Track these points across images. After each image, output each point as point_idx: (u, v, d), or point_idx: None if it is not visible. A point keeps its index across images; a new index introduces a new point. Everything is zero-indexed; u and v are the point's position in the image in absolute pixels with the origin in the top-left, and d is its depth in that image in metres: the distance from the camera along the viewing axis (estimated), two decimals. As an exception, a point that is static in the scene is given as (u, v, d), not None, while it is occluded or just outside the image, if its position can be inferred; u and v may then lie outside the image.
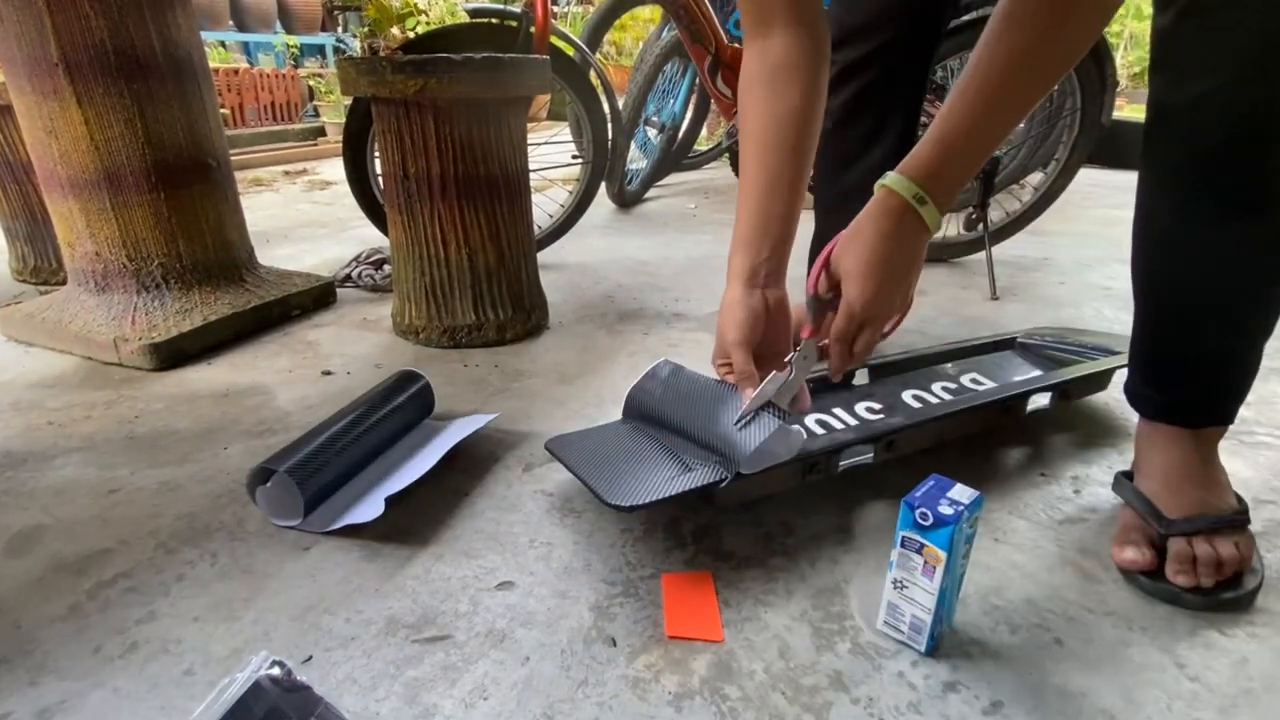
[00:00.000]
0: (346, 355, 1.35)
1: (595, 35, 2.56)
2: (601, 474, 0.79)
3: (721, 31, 1.96)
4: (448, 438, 0.95)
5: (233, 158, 1.55)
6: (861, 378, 1.03)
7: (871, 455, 0.88)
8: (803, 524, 0.83)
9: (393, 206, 1.36)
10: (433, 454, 0.91)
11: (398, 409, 0.99)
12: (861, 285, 0.65)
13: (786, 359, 0.73)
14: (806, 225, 0.82)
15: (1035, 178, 1.95)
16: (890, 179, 0.63)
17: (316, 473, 0.84)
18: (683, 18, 2.23)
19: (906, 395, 0.97)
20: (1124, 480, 0.80)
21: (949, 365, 1.07)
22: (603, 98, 2.02)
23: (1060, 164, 1.81)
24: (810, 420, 0.91)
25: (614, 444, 0.86)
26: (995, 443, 0.99)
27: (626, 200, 2.79)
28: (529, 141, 1.44)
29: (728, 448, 0.76)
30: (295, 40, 6.02)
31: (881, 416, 0.92)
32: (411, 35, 1.83)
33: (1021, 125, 1.85)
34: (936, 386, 1.00)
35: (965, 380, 1.02)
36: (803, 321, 0.74)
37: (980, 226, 1.72)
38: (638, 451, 0.83)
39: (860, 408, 0.94)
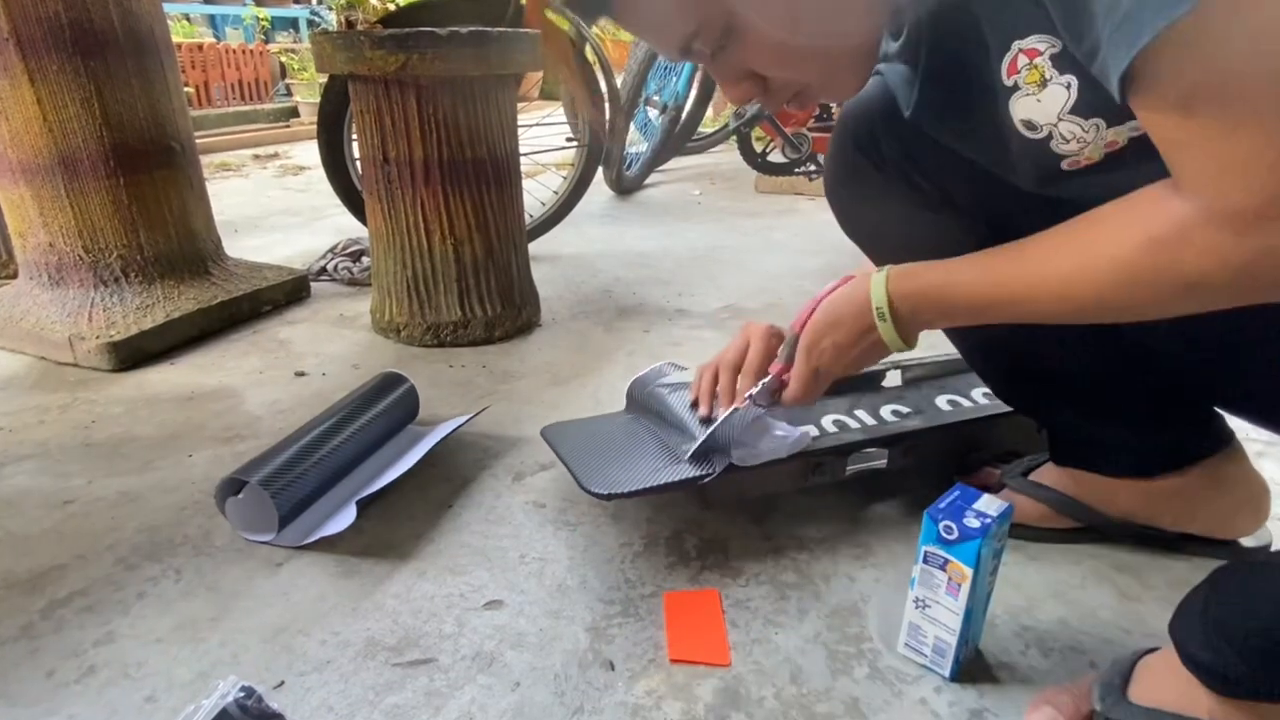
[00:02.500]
0: (322, 355, 1.35)
1: (591, 7, 2.55)
2: (588, 462, 0.80)
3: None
4: (430, 441, 0.95)
5: (198, 140, 1.55)
6: (894, 379, 1.02)
7: (885, 460, 0.88)
8: (816, 537, 0.83)
9: (372, 193, 1.36)
10: (413, 459, 0.92)
11: (380, 414, 0.99)
12: (815, 340, 0.71)
13: (746, 394, 0.78)
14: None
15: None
16: (875, 277, 0.65)
17: (292, 484, 0.84)
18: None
19: (941, 400, 0.97)
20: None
21: None
22: (600, 75, 2.02)
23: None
24: (828, 420, 0.91)
25: (611, 434, 0.86)
26: (1028, 451, 0.99)
27: (625, 186, 2.79)
28: (519, 123, 1.44)
29: (714, 438, 0.78)
30: (266, 13, 6.02)
31: (900, 418, 0.92)
32: (392, 7, 1.83)
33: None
34: (976, 392, 0.99)
35: None
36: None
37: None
38: (633, 443, 0.84)
39: (886, 410, 0.94)
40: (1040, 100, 0.51)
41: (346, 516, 0.82)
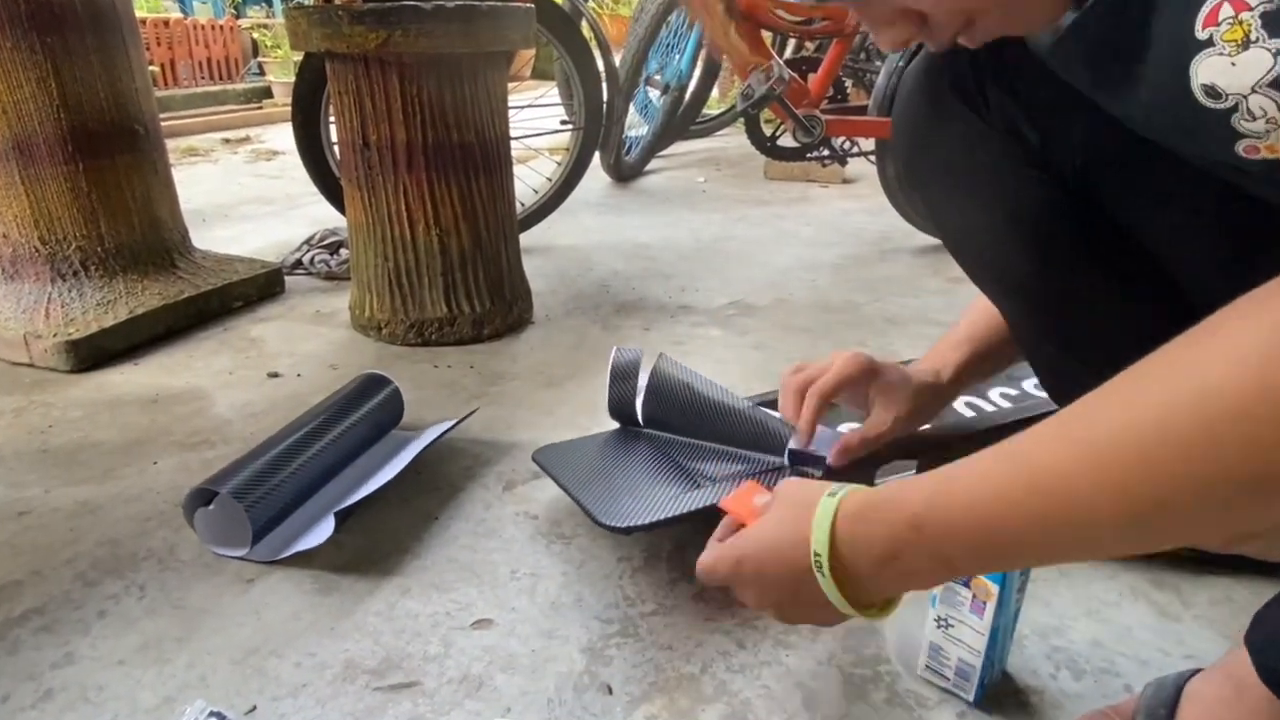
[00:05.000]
0: (297, 354, 1.35)
1: (588, -20, 2.56)
2: (595, 490, 0.79)
3: (735, -25, 1.96)
4: (416, 448, 0.96)
5: (163, 123, 1.55)
6: None
7: (915, 469, 0.88)
8: (831, 552, 0.83)
9: (351, 181, 1.36)
10: (396, 467, 0.92)
11: (361, 419, 0.99)
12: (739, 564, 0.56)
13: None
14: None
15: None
16: (824, 503, 0.50)
17: (266, 495, 0.84)
18: (690, -41, 2.23)
19: (958, 402, 0.97)
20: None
21: (1011, 367, 1.07)
22: (596, 53, 2.02)
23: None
24: (843, 428, 0.91)
25: (611, 455, 0.86)
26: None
27: (624, 173, 2.79)
28: (510, 104, 1.43)
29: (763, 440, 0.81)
30: (236, -14, 6.02)
31: (928, 426, 0.92)
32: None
33: None
34: (994, 393, 0.99)
35: (1028, 385, 1.02)
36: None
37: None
38: (639, 463, 0.83)
39: None
40: (1235, 64, 0.43)
41: (324, 529, 0.82)
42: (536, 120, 2.13)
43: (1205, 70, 0.45)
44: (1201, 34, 0.44)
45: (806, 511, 0.50)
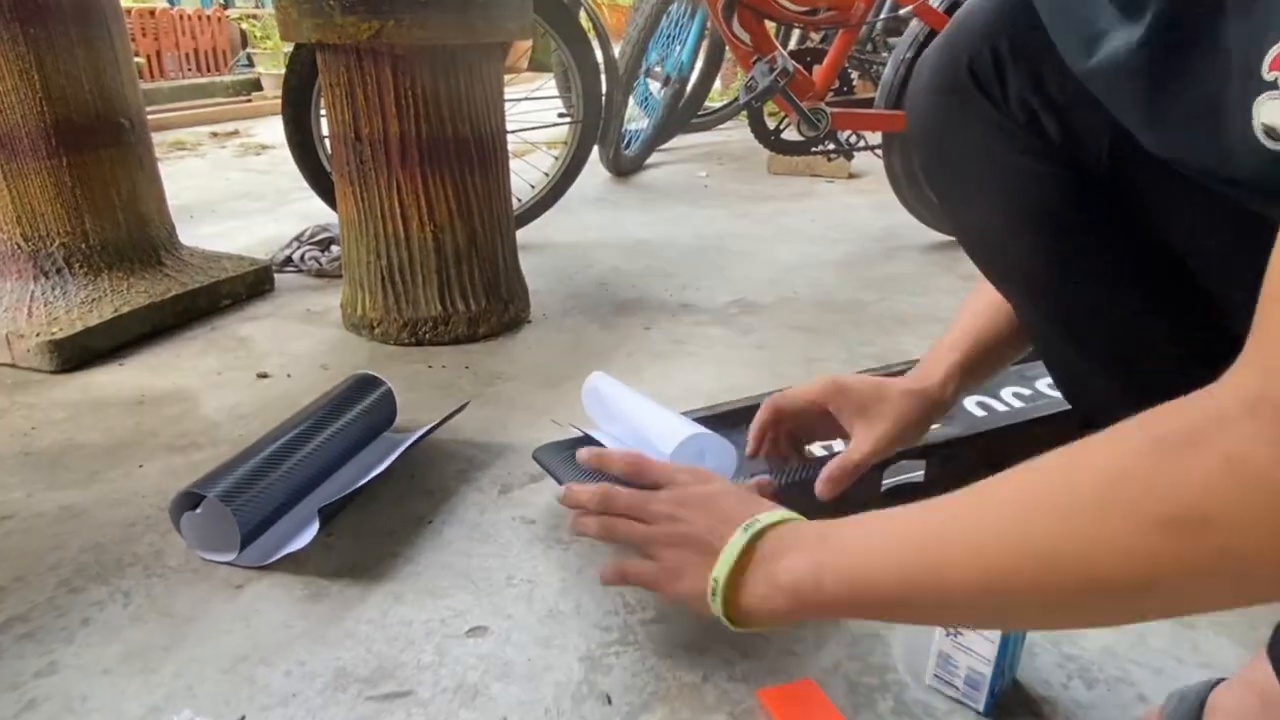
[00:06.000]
0: (287, 354, 1.35)
1: (586, -31, 2.56)
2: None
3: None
4: (403, 446, 0.95)
5: (149, 116, 1.55)
6: None
7: (922, 473, 0.88)
8: (836, 557, 0.83)
9: (342, 175, 1.36)
10: (384, 465, 0.91)
11: (353, 420, 0.99)
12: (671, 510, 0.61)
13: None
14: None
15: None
16: (750, 524, 0.57)
17: (256, 498, 0.84)
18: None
19: (969, 401, 0.98)
20: None
21: (1024, 366, 1.07)
22: (595, 44, 2.02)
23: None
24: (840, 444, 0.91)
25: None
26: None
27: (624, 167, 2.79)
28: (506, 97, 1.44)
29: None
30: (225, -25, 6.03)
31: (937, 426, 0.92)
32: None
33: None
34: (1006, 392, 1.00)
35: (1041, 385, 1.02)
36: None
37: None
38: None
39: None
40: None
41: (309, 530, 0.82)
42: (533, 113, 2.14)
43: (1266, 111, 0.44)
44: (1267, 75, 0.44)
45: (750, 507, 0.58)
